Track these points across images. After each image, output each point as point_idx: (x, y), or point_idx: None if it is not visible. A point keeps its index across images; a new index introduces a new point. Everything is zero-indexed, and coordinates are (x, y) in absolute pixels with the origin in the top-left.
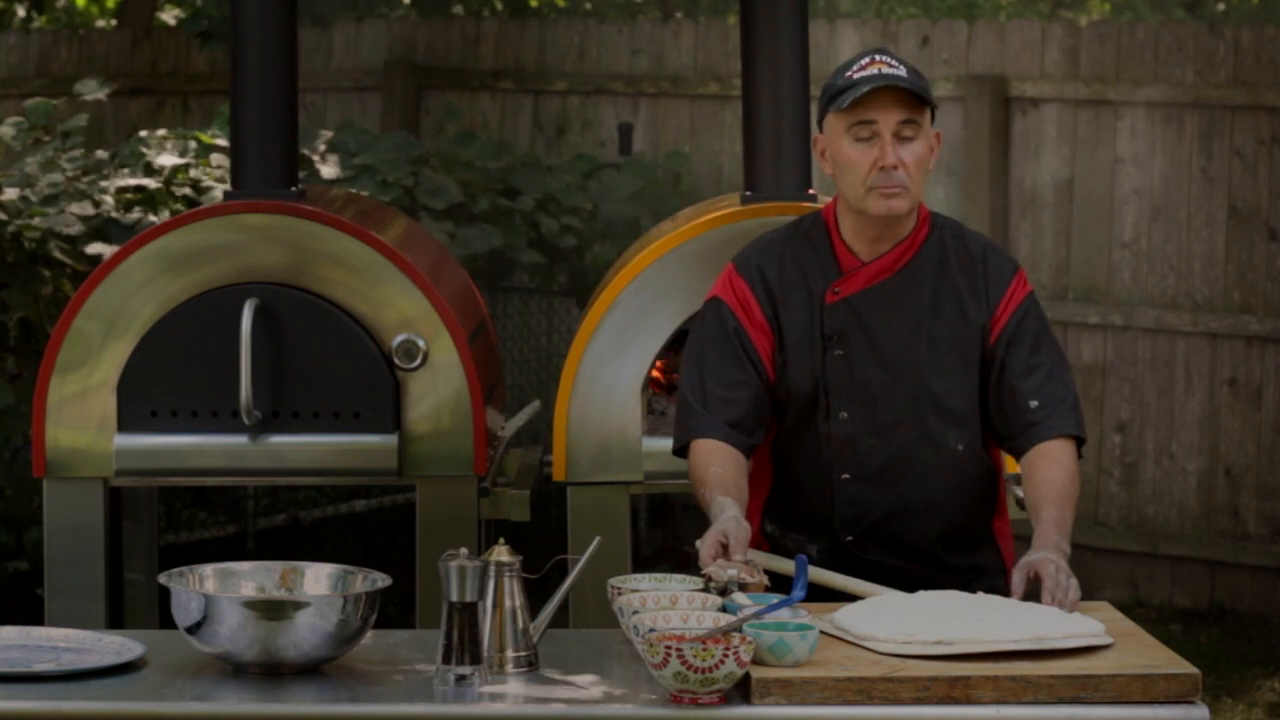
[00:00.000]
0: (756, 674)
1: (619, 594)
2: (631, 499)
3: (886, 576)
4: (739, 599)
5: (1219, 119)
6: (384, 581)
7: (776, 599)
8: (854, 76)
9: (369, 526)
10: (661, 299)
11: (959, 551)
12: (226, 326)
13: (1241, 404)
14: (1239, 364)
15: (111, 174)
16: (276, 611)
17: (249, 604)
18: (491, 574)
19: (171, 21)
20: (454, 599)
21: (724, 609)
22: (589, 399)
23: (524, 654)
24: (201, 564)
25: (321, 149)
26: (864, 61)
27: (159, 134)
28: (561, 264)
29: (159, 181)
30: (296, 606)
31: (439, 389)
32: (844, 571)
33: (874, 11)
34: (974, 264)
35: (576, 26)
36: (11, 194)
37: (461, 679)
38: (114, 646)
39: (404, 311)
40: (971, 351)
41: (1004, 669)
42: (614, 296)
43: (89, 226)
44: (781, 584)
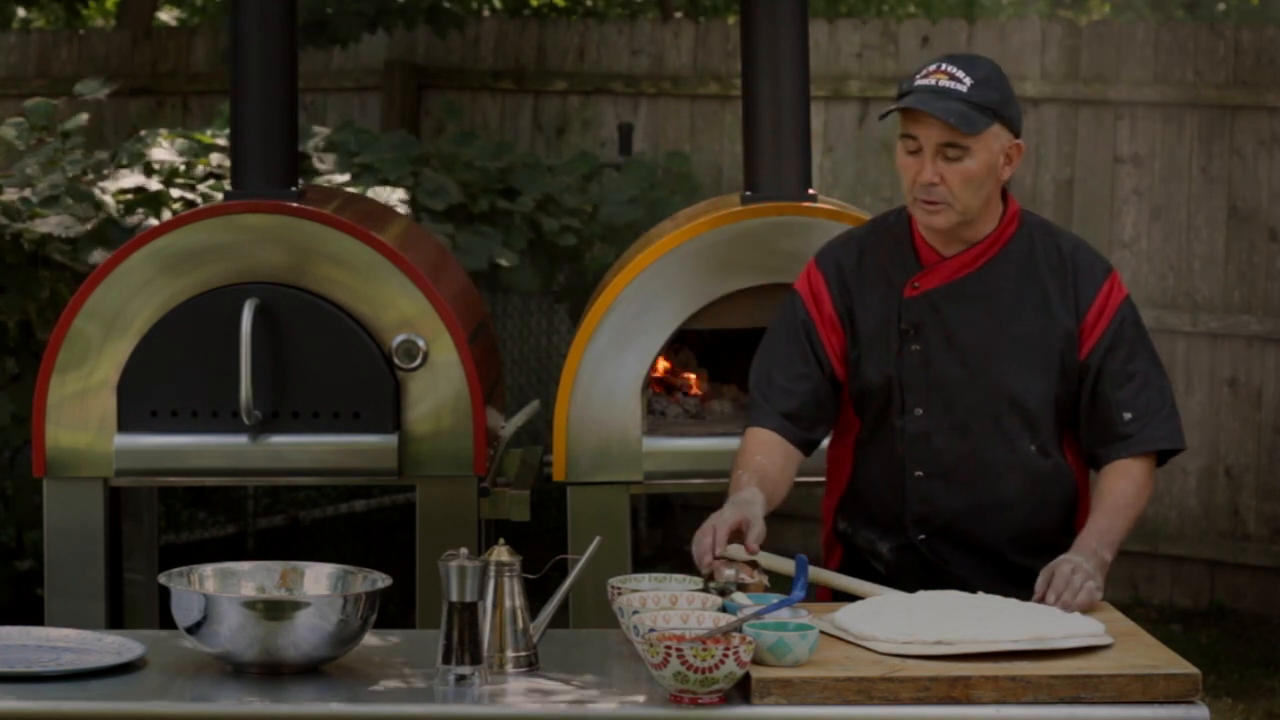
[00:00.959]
0: (756, 674)
1: (619, 594)
2: (631, 499)
3: (958, 577)
4: (739, 599)
5: (1219, 119)
6: (384, 581)
7: (776, 599)
8: (915, 83)
9: (369, 526)
10: (661, 299)
11: (1032, 554)
12: (226, 326)
13: (1241, 404)
14: (1239, 364)
15: (111, 174)
16: (276, 611)
17: (249, 604)
18: (491, 574)
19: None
20: (454, 599)
21: (724, 609)
22: (589, 399)
23: (524, 654)
24: (201, 564)
25: (321, 149)
26: (931, 68)
27: (160, 133)
28: (561, 266)
29: (159, 182)
30: (296, 606)
31: (439, 389)
32: (915, 572)
33: (874, 11)
34: (1064, 264)
35: (576, 26)
36: (11, 195)
37: (461, 679)
38: (114, 646)
39: (404, 311)
40: (1053, 353)
41: (1004, 669)
42: (614, 296)
43: (89, 229)
44: (781, 584)
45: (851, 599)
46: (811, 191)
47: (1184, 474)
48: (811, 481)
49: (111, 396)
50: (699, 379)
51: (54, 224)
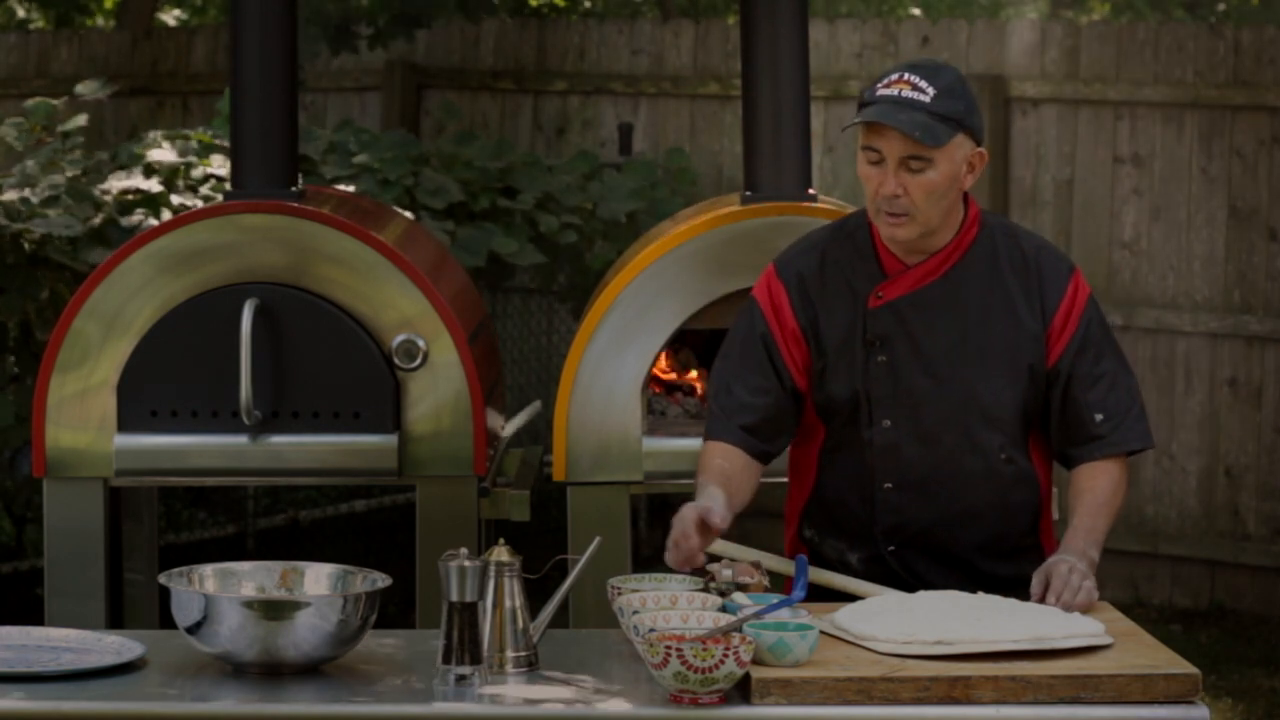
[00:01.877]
0: (756, 674)
1: (619, 594)
2: (631, 499)
3: (929, 586)
4: (739, 599)
5: (1219, 119)
6: (384, 581)
7: (776, 599)
8: (877, 92)
9: (369, 526)
10: (661, 299)
11: (1001, 559)
12: (226, 326)
13: (1241, 404)
14: (1239, 364)
15: (111, 174)
16: (276, 611)
17: (249, 604)
18: (491, 574)
19: (171, 22)
20: (454, 599)
21: (724, 609)
22: (589, 399)
23: (524, 654)
24: (201, 564)
25: (323, 150)
26: (892, 78)
27: (157, 134)
28: (562, 264)
29: (159, 183)
30: (296, 606)
31: (439, 389)
32: (884, 582)
33: (874, 11)
34: (1027, 267)
35: (576, 26)
36: (11, 195)
37: (461, 679)
38: (114, 646)
39: (404, 311)
40: (1021, 359)
41: (1004, 669)
42: (614, 296)
43: (89, 229)
44: (782, 584)
45: (852, 599)
46: (811, 191)
47: (1184, 474)
48: (783, 482)
49: (111, 396)
50: (699, 379)
51: (54, 224)
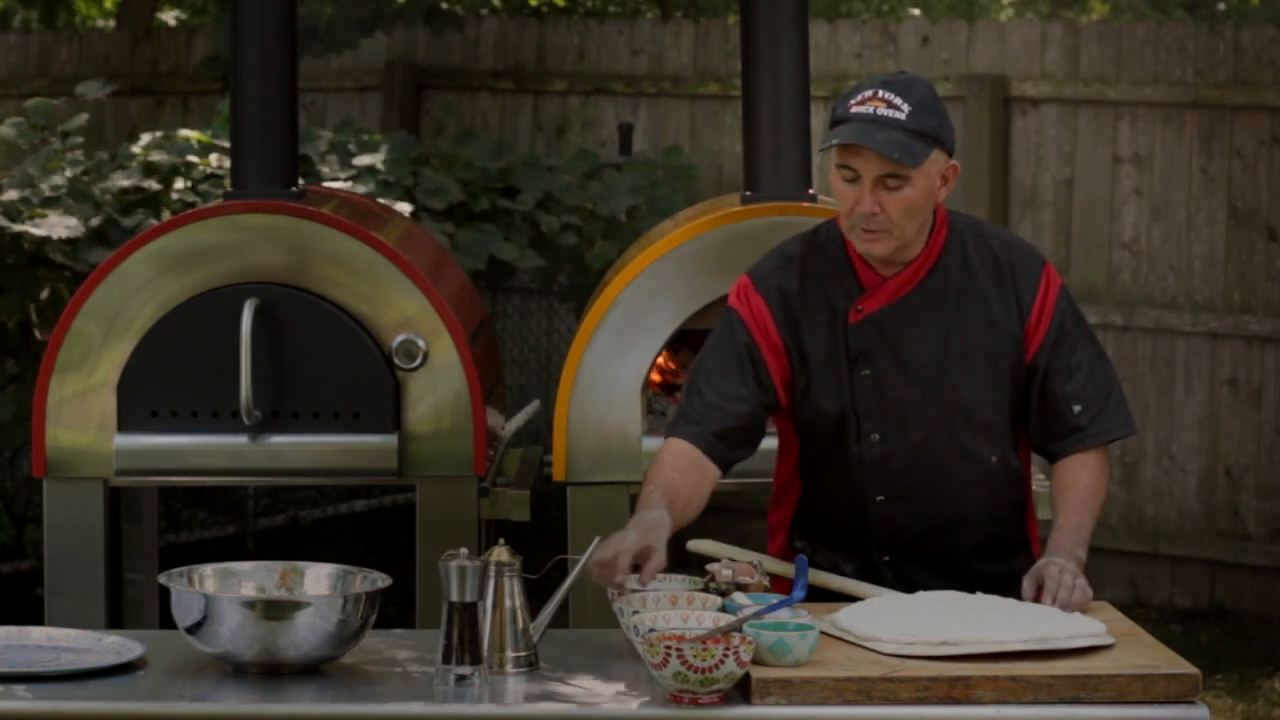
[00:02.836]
0: (756, 674)
1: (619, 594)
2: (631, 499)
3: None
4: (739, 599)
5: (1219, 119)
6: (384, 581)
7: (776, 599)
8: (849, 110)
9: (369, 526)
10: (661, 299)
11: (994, 560)
12: (226, 326)
13: (1241, 404)
14: (1239, 364)
15: (110, 174)
16: (276, 611)
17: (249, 604)
18: (491, 574)
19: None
20: (454, 599)
21: (724, 609)
22: (589, 399)
23: (524, 654)
24: (201, 564)
25: (323, 151)
26: (866, 94)
27: (154, 135)
28: (562, 264)
29: (158, 183)
30: (296, 606)
31: (439, 389)
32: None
33: (874, 11)
34: (999, 264)
35: (576, 26)
36: (12, 195)
37: (461, 679)
38: (114, 646)
39: (404, 311)
40: (1002, 358)
41: (1004, 669)
42: (614, 296)
43: (89, 229)
44: (781, 584)
45: (851, 599)
46: (811, 191)
47: (1184, 474)
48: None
49: (111, 396)
50: None
51: (54, 224)
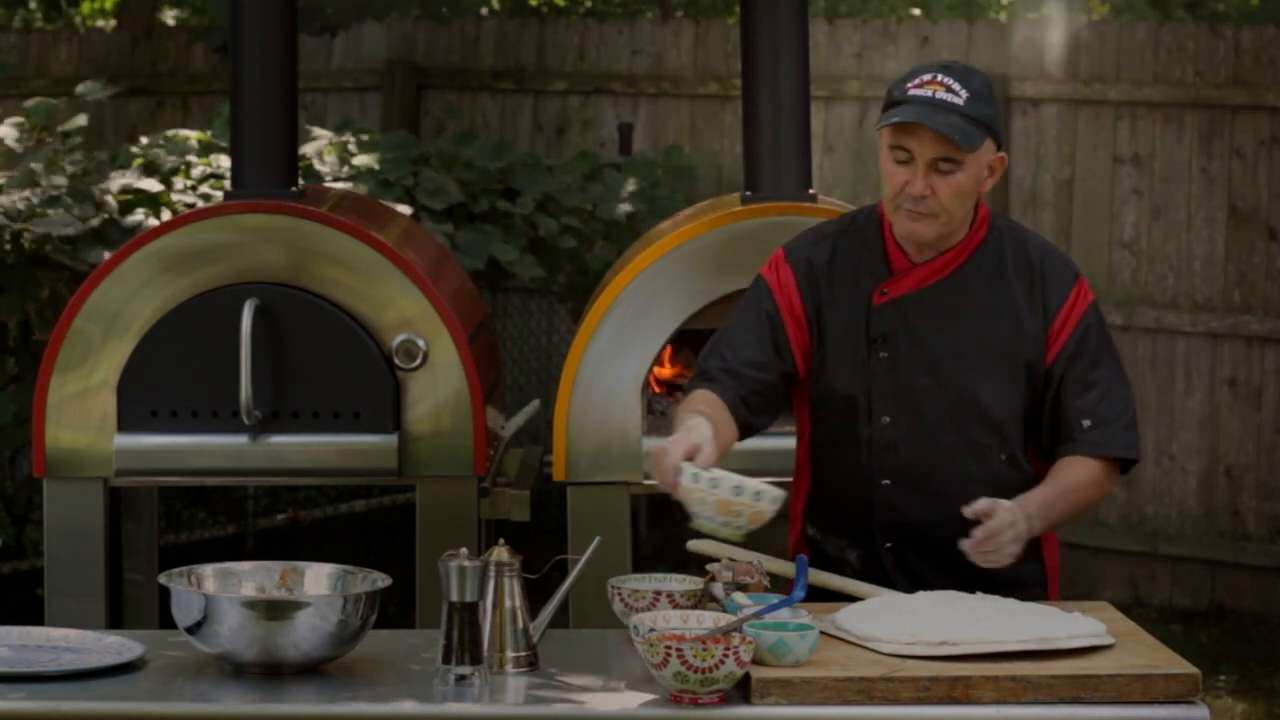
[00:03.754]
0: (756, 674)
1: (619, 594)
2: (631, 499)
3: (927, 585)
4: (739, 599)
5: (1219, 119)
6: (384, 581)
7: (776, 599)
8: (907, 92)
9: (369, 526)
10: (661, 299)
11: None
12: (226, 326)
13: (1241, 404)
14: (1239, 364)
15: (110, 174)
16: (276, 611)
17: (249, 604)
18: (491, 574)
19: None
20: (454, 599)
21: (724, 609)
22: (589, 399)
23: (524, 654)
24: (201, 564)
25: (322, 149)
26: (925, 78)
27: (155, 138)
28: (561, 267)
29: (159, 183)
30: (296, 606)
31: (439, 389)
32: (881, 580)
33: (874, 11)
34: (1032, 270)
35: (576, 26)
36: (12, 195)
37: (461, 679)
38: (114, 646)
39: (404, 311)
40: (1020, 362)
41: (1004, 669)
42: (614, 296)
43: (89, 229)
44: (781, 584)
45: (851, 599)
46: (811, 191)
47: (1184, 474)
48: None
49: (111, 396)
50: None
51: (54, 224)
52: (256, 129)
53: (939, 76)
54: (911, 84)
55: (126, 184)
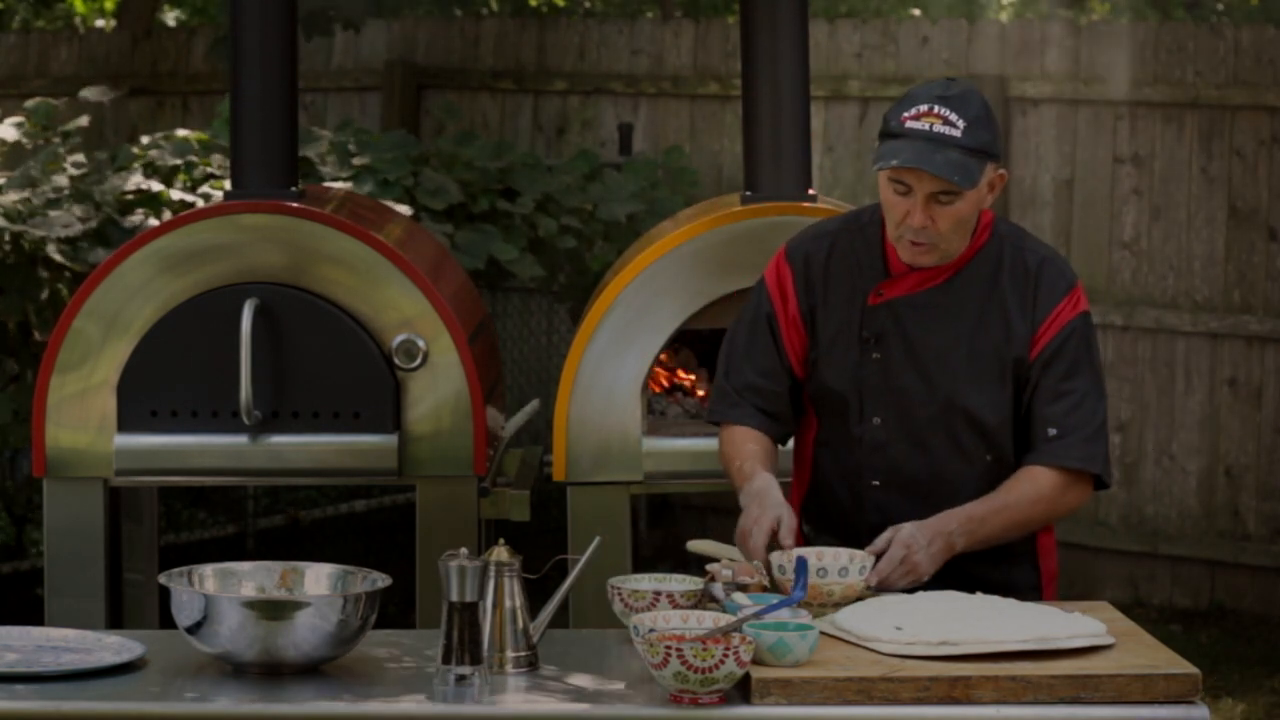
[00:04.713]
0: (756, 674)
1: (619, 594)
2: (631, 499)
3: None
4: (739, 599)
5: (1219, 119)
6: (384, 581)
7: (776, 599)
8: (905, 124)
9: (369, 526)
10: (661, 299)
11: (988, 563)
12: (226, 326)
13: (1241, 404)
14: (1239, 364)
15: (110, 175)
16: (276, 611)
17: (249, 604)
18: (491, 574)
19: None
20: (454, 599)
21: (724, 609)
22: (589, 399)
23: (524, 654)
24: (201, 564)
25: (324, 152)
26: (921, 109)
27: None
28: (561, 267)
29: (159, 183)
30: (296, 606)
31: (439, 389)
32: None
33: (874, 11)
34: (1028, 277)
35: (576, 26)
36: (13, 196)
37: (461, 679)
38: (114, 646)
39: (404, 311)
40: (1010, 367)
41: (1004, 669)
42: (614, 296)
43: (89, 229)
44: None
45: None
46: (811, 191)
47: (1184, 474)
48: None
49: (111, 396)
50: (699, 379)
51: (54, 224)
52: (256, 129)
53: (935, 108)
54: (908, 114)
55: (127, 184)
